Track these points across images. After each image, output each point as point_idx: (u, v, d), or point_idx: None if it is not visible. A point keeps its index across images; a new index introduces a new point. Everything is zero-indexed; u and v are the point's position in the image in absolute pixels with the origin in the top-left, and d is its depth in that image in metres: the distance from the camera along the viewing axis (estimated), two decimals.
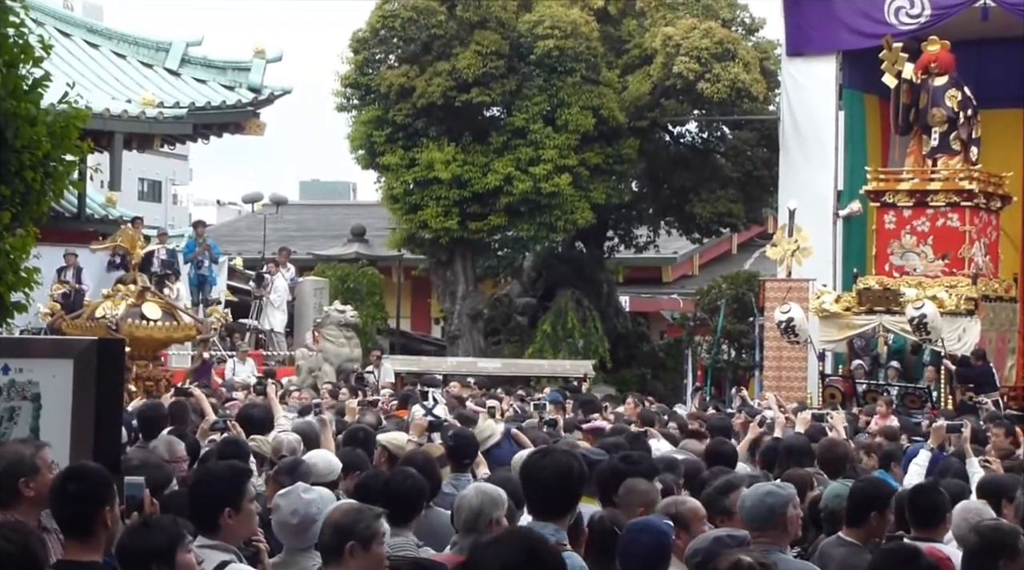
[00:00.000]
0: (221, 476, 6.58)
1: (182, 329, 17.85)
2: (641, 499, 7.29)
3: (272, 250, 33.78)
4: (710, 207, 34.06)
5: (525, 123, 31.94)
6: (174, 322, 17.59)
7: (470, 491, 7.04)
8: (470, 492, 7.02)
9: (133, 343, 16.74)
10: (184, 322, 17.83)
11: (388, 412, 16.06)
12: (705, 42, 31.06)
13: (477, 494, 6.96)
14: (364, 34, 33.01)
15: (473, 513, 6.86)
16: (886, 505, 7.54)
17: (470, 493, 7.00)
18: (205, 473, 6.92)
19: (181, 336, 18.52)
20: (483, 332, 34.19)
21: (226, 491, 6.43)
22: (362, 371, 26.44)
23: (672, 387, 31.79)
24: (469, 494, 6.98)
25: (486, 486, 7.19)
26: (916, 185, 25.87)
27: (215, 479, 6.56)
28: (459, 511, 6.91)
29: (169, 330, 17.59)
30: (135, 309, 17.22)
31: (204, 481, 6.64)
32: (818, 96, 29.18)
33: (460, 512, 6.90)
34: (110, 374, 6.94)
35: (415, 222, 32.69)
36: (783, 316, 24.97)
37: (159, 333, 17.48)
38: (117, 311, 17.08)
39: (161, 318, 17.43)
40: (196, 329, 18.15)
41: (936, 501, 7.47)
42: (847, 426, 14.63)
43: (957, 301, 24.46)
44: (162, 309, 17.62)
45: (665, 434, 13.05)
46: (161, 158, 65.33)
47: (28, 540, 4.98)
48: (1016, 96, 28.98)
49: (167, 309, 17.82)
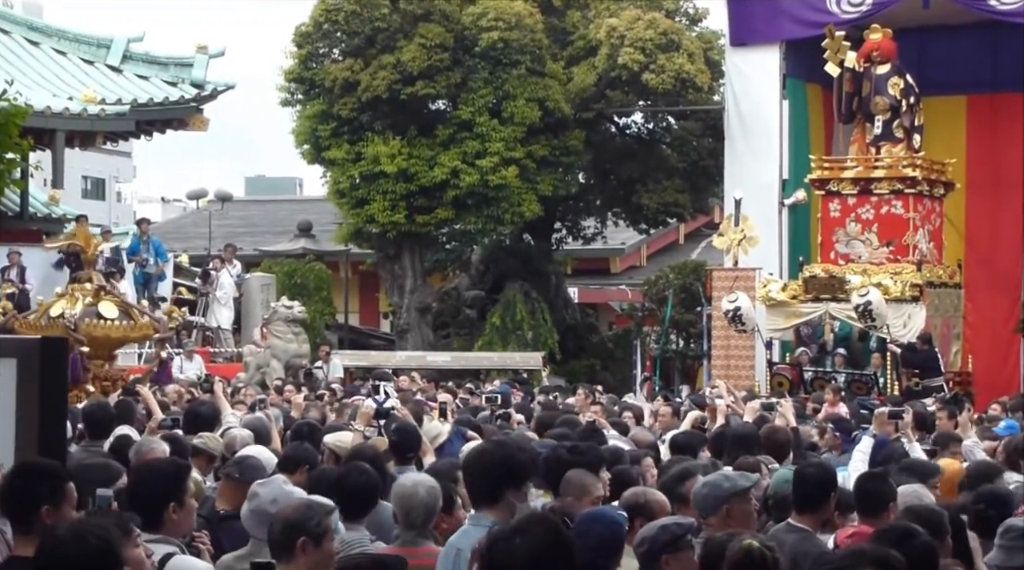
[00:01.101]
0: (164, 471, 6.58)
1: (139, 328, 17.68)
2: (577, 491, 7.29)
3: (218, 247, 33.61)
4: (657, 198, 34.13)
5: (471, 116, 31.91)
6: (131, 321, 17.42)
7: (419, 488, 6.99)
8: (419, 490, 6.97)
9: (90, 342, 16.61)
10: (141, 321, 17.66)
11: (343, 404, 16.03)
12: (649, 33, 31.11)
13: (426, 490, 6.95)
14: (307, 28, 32.90)
15: (427, 509, 6.86)
16: (834, 489, 7.58)
17: (420, 491, 6.96)
18: (147, 469, 6.88)
19: (138, 335, 18.35)
20: (432, 326, 34.16)
21: (170, 486, 6.42)
22: (311, 367, 26.36)
23: (621, 378, 31.86)
24: (420, 492, 6.95)
25: (428, 479, 7.17)
26: (860, 173, 26.02)
27: (158, 474, 6.54)
28: (407, 506, 6.89)
29: (126, 329, 17.42)
30: (91, 308, 17.05)
31: (147, 477, 6.61)
32: (762, 86, 29.30)
33: (410, 508, 6.88)
34: (54, 373, 6.90)
35: (362, 217, 32.61)
36: (730, 305, 25.07)
37: (116, 332, 17.31)
38: (75, 310, 16.89)
39: (118, 317, 17.25)
40: (153, 328, 17.96)
41: (882, 489, 7.51)
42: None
43: (902, 288, 24.63)
44: (118, 308, 17.44)
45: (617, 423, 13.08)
46: (104, 155, 64.86)
47: (110, 537, 5.01)
48: (958, 83, 29.25)
49: (123, 308, 17.65)
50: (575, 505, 7.30)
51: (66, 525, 5.03)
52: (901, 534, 5.97)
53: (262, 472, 7.93)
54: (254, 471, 7.97)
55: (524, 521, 4.91)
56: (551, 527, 4.82)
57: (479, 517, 6.41)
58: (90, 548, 4.85)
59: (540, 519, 5.03)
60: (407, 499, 6.98)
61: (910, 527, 6.09)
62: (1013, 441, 10.92)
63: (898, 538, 5.92)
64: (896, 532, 5.99)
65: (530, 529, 4.75)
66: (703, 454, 10.08)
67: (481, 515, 6.39)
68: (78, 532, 4.90)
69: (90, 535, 4.87)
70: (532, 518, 5.06)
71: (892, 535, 5.94)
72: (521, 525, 4.82)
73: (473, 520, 6.48)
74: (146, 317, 18.15)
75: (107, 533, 4.98)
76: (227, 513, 7.85)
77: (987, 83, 29.55)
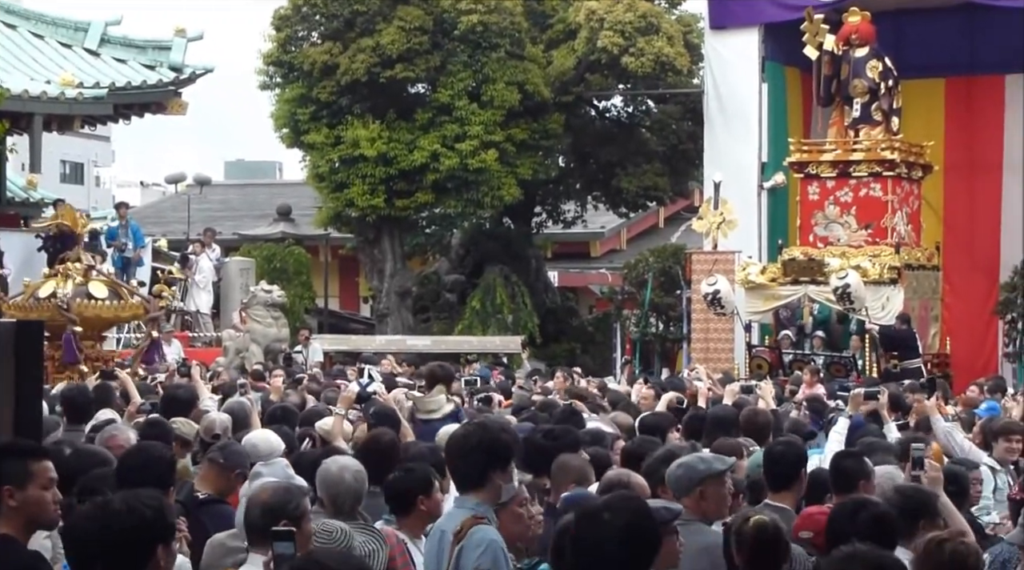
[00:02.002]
0: (161, 457, 6.53)
1: (129, 308, 17.57)
2: (572, 475, 7.33)
3: (197, 231, 33.54)
4: (636, 181, 34.13)
5: (450, 99, 31.87)
6: (121, 301, 17.32)
7: (345, 473, 7.03)
8: (346, 475, 7.01)
9: (81, 323, 16.53)
10: (131, 301, 17.54)
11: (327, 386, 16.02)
12: (628, 16, 31.10)
13: (352, 474, 6.99)
14: (286, 11, 32.83)
15: (354, 493, 6.92)
16: (803, 465, 7.61)
17: (346, 476, 6.99)
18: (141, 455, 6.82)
19: (128, 315, 18.26)
20: (412, 310, 34.15)
21: (165, 473, 6.40)
22: (290, 351, 26.33)
23: (601, 361, 31.89)
24: (346, 477, 6.99)
25: (354, 463, 7.20)
26: (839, 156, 26.06)
27: (154, 461, 6.49)
28: (334, 491, 6.94)
29: (116, 309, 17.33)
30: (81, 288, 16.93)
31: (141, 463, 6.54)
32: (741, 69, 29.31)
33: (337, 493, 6.93)
34: (29, 355, 6.88)
35: (341, 200, 32.57)
36: (709, 288, 25.11)
37: (107, 312, 17.22)
38: (67, 289, 16.78)
39: (108, 297, 17.14)
40: (143, 308, 17.80)
41: (856, 467, 7.55)
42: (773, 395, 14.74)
43: (880, 270, 24.68)
44: (108, 288, 17.34)
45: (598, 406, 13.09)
46: (83, 139, 64.59)
47: (164, 506, 5.05)
48: (936, 66, 29.31)
49: (113, 288, 17.54)
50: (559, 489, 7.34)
51: (120, 496, 5.04)
52: (858, 505, 6.05)
53: (245, 458, 7.93)
54: (237, 457, 7.98)
55: (613, 498, 5.09)
56: (639, 505, 5.01)
57: (464, 499, 6.43)
58: (147, 517, 4.90)
59: (627, 497, 5.20)
60: (334, 484, 7.00)
61: (867, 499, 6.15)
62: (988, 424, 10.97)
63: (854, 509, 5.99)
64: (853, 504, 6.06)
65: (619, 506, 4.90)
66: (672, 435, 10.09)
67: (466, 498, 6.41)
68: (132, 504, 4.92)
69: (144, 506, 4.92)
70: (620, 496, 5.24)
71: (849, 506, 6.01)
72: (610, 502, 4.98)
73: (458, 502, 6.50)
74: (136, 297, 18.02)
75: (160, 502, 5.05)
76: (209, 497, 7.83)
77: (965, 66, 29.62)
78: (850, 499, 6.32)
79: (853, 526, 5.92)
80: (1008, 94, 29.29)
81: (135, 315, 18.37)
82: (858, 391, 11.29)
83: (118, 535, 4.79)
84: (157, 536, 4.86)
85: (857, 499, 6.24)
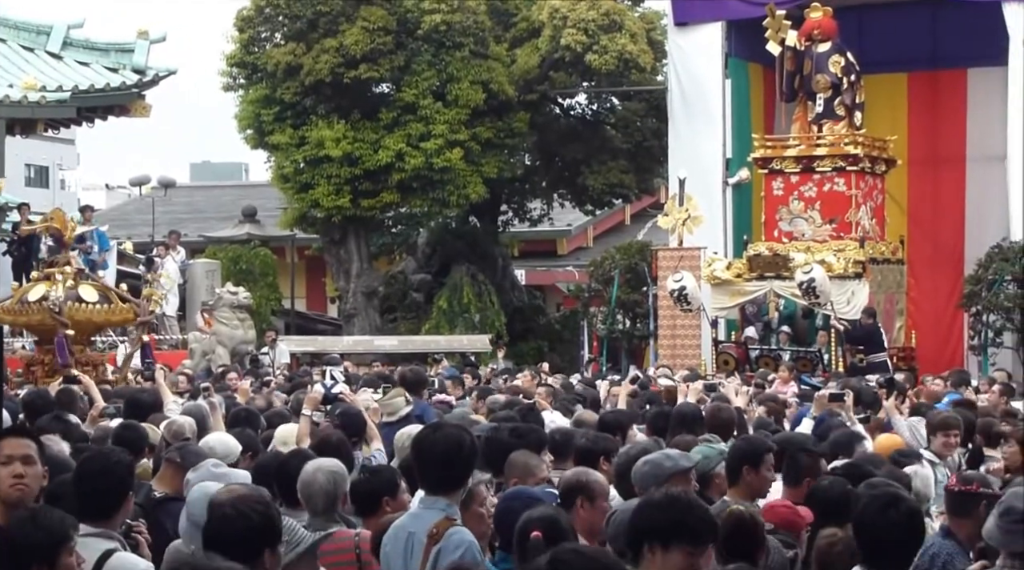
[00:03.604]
0: (120, 462, 6.49)
1: (119, 312, 17.45)
2: (522, 472, 7.34)
3: (162, 233, 33.43)
4: (602, 179, 34.18)
5: (415, 99, 31.83)
6: (111, 305, 17.19)
7: (318, 474, 7.05)
8: (319, 476, 7.03)
9: (73, 326, 16.41)
10: (121, 306, 17.40)
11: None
12: (592, 14, 31.12)
13: (326, 476, 7.00)
14: (248, 12, 32.75)
15: (327, 495, 6.91)
16: (761, 461, 7.64)
17: (319, 477, 7.02)
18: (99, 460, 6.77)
19: (118, 320, 18.11)
20: (379, 310, 34.11)
21: (125, 478, 6.37)
22: (257, 353, 26.28)
23: (569, 359, 31.92)
24: (319, 478, 7.01)
25: (328, 464, 7.21)
26: (802, 151, 26.14)
27: (113, 466, 6.44)
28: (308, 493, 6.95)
29: (107, 313, 17.22)
30: (72, 292, 16.81)
31: (99, 468, 6.48)
32: (704, 66, 29.37)
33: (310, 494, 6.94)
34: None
35: (307, 201, 32.50)
36: (675, 285, 25.15)
37: (98, 316, 17.12)
38: (59, 294, 16.65)
39: (98, 301, 17.02)
40: (133, 313, 17.67)
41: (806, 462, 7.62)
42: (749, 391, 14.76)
43: (845, 265, 24.77)
44: (99, 292, 17.21)
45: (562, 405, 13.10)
46: (47, 143, 64.23)
47: (270, 509, 5.26)
48: (899, 61, 29.43)
49: (103, 292, 17.41)
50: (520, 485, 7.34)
51: (230, 499, 5.29)
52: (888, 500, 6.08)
53: (202, 457, 7.91)
54: (194, 456, 7.96)
55: (665, 495, 5.40)
56: (688, 502, 5.33)
57: (432, 500, 6.41)
58: (252, 521, 5.12)
59: (680, 495, 5.50)
60: (307, 485, 7.04)
61: (896, 492, 6.22)
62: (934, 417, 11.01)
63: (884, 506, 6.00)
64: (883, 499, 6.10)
65: (676, 497, 5.27)
66: (632, 432, 10.10)
67: (435, 499, 6.40)
68: (240, 508, 5.16)
69: (252, 511, 5.14)
70: (671, 494, 5.52)
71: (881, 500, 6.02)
72: (662, 499, 5.30)
73: (425, 503, 6.48)
74: (126, 302, 17.88)
75: (269, 507, 5.26)
76: (166, 495, 7.88)
77: (927, 60, 29.76)
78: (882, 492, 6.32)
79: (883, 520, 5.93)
80: (971, 88, 29.41)
81: (125, 319, 18.21)
82: (823, 393, 11.37)
83: (227, 538, 5.06)
84: (265, 540, 5.09)
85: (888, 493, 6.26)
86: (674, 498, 5.22)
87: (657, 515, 5.14)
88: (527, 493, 6.60)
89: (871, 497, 6.20)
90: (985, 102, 28.55)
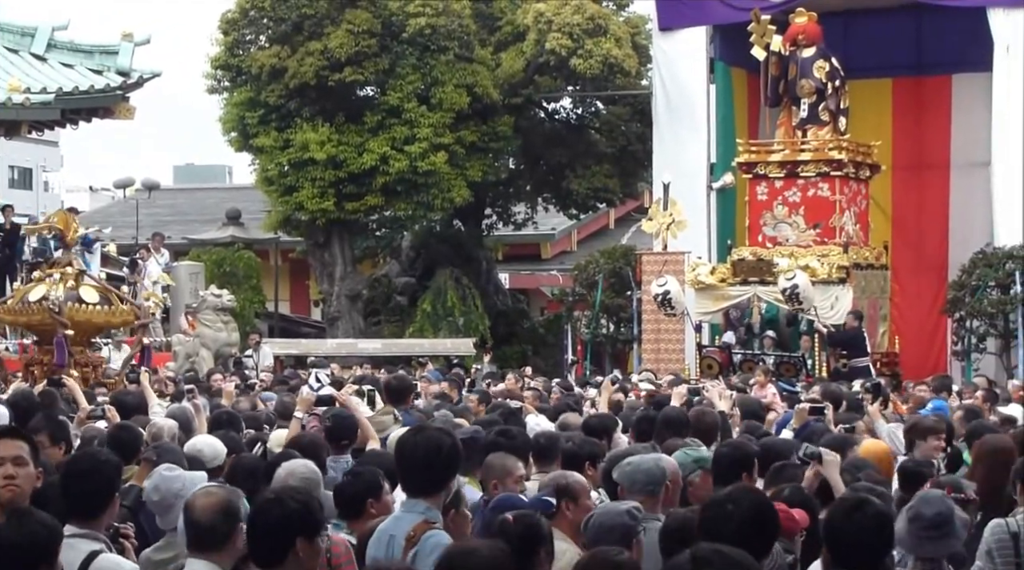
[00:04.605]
0: (108, 462, 6.47)
1: (120, 314, 17.30)
2: (499, 474, 7.33)
3: (145, 236, 33.36)
4: (586, 183, 34.20)
5: (399, 102, 31.82)
6: (111, 307, 17.06)
7: (290, 479, 7.15)
8: (290, 481, 7.12)
9: (73, 327, 16.33)
10: (121, 307, 17.27)
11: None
12: (576, 18, 31.14)
13: (297, 480, 7.10)
14: (233, 15, 32.70)
15: None
16: (752, 466, 7.65)
17: (290, 483, 7.08)
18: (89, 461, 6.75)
19: (119, 321, 17.95)
20: (363, 313, 34.08)
21: (115, 478, 6.35)
22: (240, 355, 26.24)
23: (553, 363, 31.91)
24: (290, 482, 7.08)
25: (301, 468, 7.32)
26: (787, 156, 26.17)
27: (102, 466, 6.42)
28: None
29: (107, 315, 17.07)
30: (72, 292, 16.69)
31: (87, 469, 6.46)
32: (689, 70, 29.41)
33: None
34: None
35: (291, 204, 32.48)
36: (659, 289, 25.16)
37: (98, 318, 16.98)
38: (59, 294, 16.54)
39: (99, 302, 16.90)
40: (134, 314, 17.51)
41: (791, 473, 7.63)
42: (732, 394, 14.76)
43: (829, 270, 24.79)
44: (99, 293, 17.10)
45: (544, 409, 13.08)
46: (31, 144, 64.23)
47: (310, 500, 5.41)
48: (883, 66, 29.50)
49: (103, 293, 17.29)
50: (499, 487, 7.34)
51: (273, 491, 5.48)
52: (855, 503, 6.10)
53: (180, 457, 7.90)
54: (172, 454, 7.95)
55: (735, 490, 5.67)
56: (758, 497, 5.67)
57: (413, 503, 6.40)
58: (291, 510, 5.27)
59: (748, 489, 5.85)
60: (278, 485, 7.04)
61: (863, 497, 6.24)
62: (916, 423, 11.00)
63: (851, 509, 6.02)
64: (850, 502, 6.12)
65: (741, 498, 5.50)
66: (618, 436, 10.09)
67: (416, 502, 6.39)
68: (280, 497, 5.36)
69: (291, 499, 5.32)
70: (741, 488, 5.88)
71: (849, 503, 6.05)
72: (733, 494, 5.56)
73: (407, 506, 6.47)
74: (126, 303, 17.75)
75: (309, 497, 5.43)
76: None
77: (912, 66, 29.84)
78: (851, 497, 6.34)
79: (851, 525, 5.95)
80: (955, 94, 29.47)
81: (125, 321, 18.05)
82: (803, 406, 11.40)
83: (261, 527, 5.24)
84: (299, 529, 5.21)
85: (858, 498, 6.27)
86: None
87: None
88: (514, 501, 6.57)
89: (839, 500, 6.23)
90: (970, 108, 28.62)
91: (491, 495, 7.28)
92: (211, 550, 5.70)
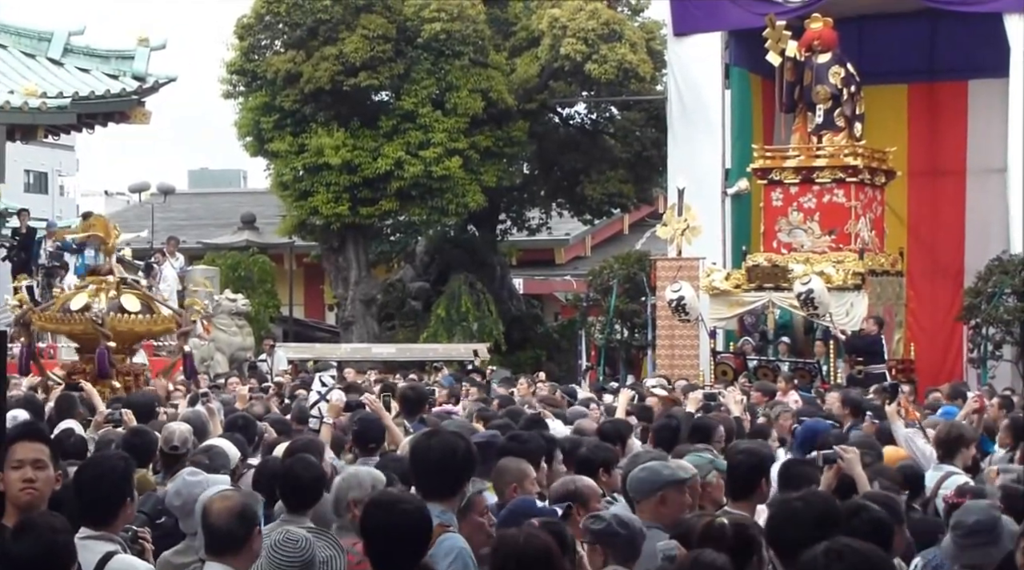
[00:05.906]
0: (120, 466, 6.48)
1: (161, 322, 17.02)
2: (515, 477, 7.32)
3: (161, 240, 33.42)
4: (600, 188, 34.18)
5: (414, 107, 31.83)
6: (153, 315, 16.82)
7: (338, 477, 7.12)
8: (338, 477, 7.09)
9: (114, 337, 16.17)
10: (163, 315, 17.03)
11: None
12: (591, 23, 31.14)
13: (341, 478, 7.02)
14: (249, 20, 32.75)
15: (336, 497, 6.90)
16: (764, 474, 7.62)
17: (337, 478, 7.07)
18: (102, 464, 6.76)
19: (160, 329, 17.64)
20: (377, 318, 34.09)
21: (126, 482, 6.36)
22: (255, 359, 26.27)
23: (567, 368, 31.89)
24: (337, 479, 7.06)
25: (350, 469, 7.24)
26: (802, 162, 26.11)
27: (114, 470, 6.42)
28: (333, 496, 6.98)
29: (149, 323, 16.78)
30: (114, 301, 16.46)
31: (101, 472, 6.45)
32: (704, 76, 29.35)
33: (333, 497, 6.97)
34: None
35: (306, 209, 32.50)
36: (674, 295, 25.14)
37: (140, 327, 16.71)
38: (102, 304, 16.33)
39: (140, 311, 16.61)
40: (176, 322, 17.15)
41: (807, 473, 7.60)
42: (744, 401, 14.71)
43: (844, 276, 24.73)
44: (141, 301, 16.90)
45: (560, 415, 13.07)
46: (47, 149, 64.30)
47: (319, 470, 5.84)
48: (899, 72, 29.44)
49: (145, 301, 17.11)
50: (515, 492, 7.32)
51: None
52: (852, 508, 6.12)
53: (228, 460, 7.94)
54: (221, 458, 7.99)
55: (808, 492, 6.02)
56: (827, 498, 6.00)
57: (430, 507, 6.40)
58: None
59: (818, 490, 6.20)
60: (333, 491, 7.04)
61: (860, 502, 6.28)
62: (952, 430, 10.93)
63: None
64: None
65: (811, 498, 5.81)
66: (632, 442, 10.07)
67: (432, 506, 6.38)
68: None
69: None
70: (813, 490, 6.27)
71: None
72: (804, 495, 5.86)
73: None
74: (167, 311, 17.49)
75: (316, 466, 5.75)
76: None
77: (927, 71, 29.77)
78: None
79: None
80: (971, 99, 29.39)
81: (167, 329, 17.68)
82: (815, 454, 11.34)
83: None
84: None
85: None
86: None
87: None
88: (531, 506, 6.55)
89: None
90: (986, 114, 28.52)
91: (508, 499, 7.26)
92: (228, 554, 5.72)
